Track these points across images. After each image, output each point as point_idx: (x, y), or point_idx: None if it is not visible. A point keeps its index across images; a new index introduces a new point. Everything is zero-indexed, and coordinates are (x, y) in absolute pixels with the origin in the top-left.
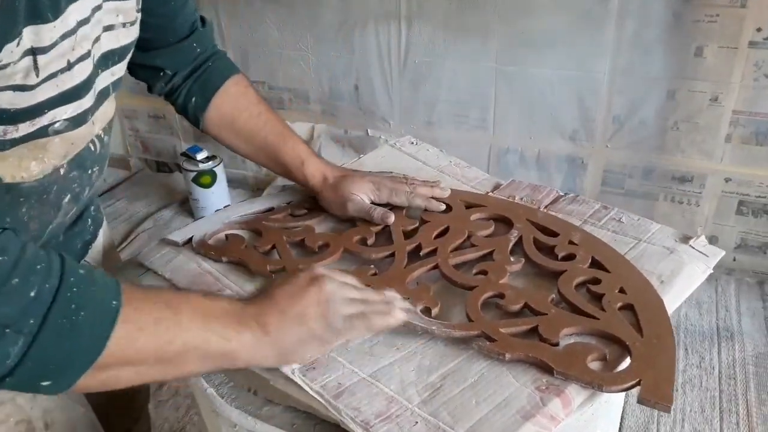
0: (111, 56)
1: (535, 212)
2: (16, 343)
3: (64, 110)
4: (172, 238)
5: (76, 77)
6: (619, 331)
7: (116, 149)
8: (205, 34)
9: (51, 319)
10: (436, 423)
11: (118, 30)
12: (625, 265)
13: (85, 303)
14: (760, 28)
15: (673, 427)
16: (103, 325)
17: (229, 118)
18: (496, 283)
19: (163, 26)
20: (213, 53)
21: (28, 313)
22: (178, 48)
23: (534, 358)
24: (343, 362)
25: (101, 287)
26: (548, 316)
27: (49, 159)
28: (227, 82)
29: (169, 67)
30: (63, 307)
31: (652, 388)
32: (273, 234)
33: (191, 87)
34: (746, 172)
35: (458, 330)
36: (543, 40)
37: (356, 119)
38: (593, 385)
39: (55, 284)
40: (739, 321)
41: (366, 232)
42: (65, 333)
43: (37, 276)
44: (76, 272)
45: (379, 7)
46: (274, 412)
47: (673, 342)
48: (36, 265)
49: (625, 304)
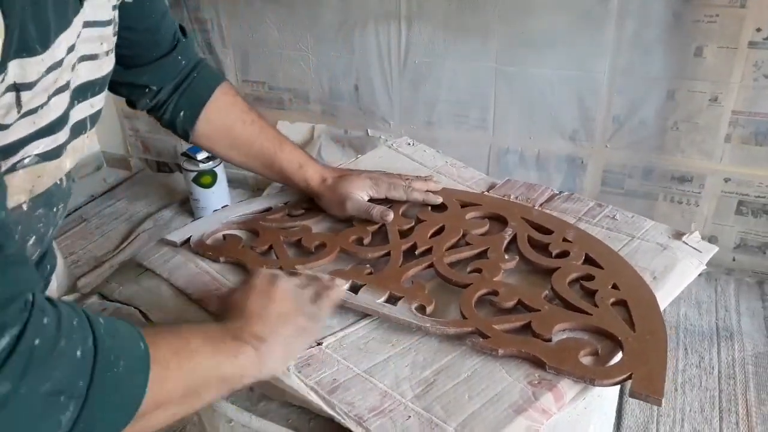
0: (91, 87)
1: (530, 210)
2: (67, 409)
3: (36, 146)
4: (170, 238)
5: (52, 112)
6: (612, 327)
7: (116, 149)
8: (188, 45)
9: (97, 377)
10: (428, 417)
11: (102, 59)
12: (619, 261)
13: (120, 352)
14: (760, 28)
15: (672, 427)
16: (140, 370)
17: (223, 129)
18: (490, 280)
19: (146, 41)
20: (196, 63)
21: (78, 375)
22: (162, 63)
23: (527, 353)
24: (338, 358)
25: (125, 331)
26: (541, 313)
27: (12, 194)
28: (215, 93)
29: (154, 83)
30: (105, 361)
31: (644, 381)
32: (270, 234)
33: (178, 101)
34: (746, 172)
35: (452, 327)
36: (543, 40)
37: (356, 119)
38: (585, 380)
39: (91, 339)
40: (739, 321)
41: (362, 232)
42: (111, 387)
43: (77, 333)
44: (98, 321)
45: (379, 7)
46: (269, 407)
47: (665, 337)
48: (72, 321)
49: (618, 300)
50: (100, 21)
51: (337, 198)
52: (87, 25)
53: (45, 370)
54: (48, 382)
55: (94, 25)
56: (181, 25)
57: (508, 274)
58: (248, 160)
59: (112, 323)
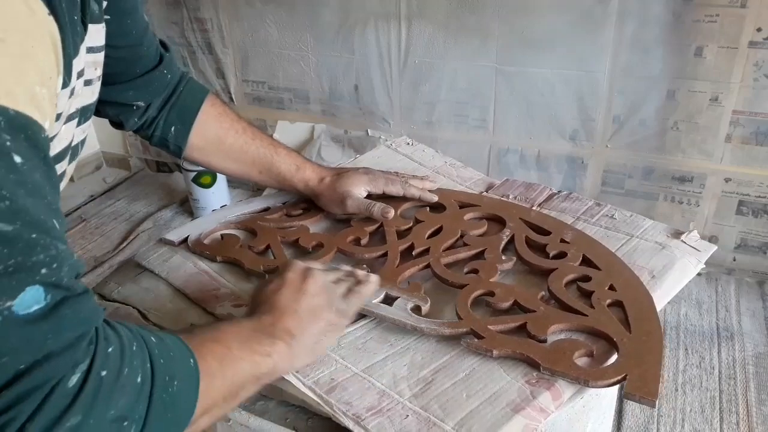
0: (85, 112)
1: (528, 211)
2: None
3: None
4: (168, 237)
5: (63, 140)
6: (608, 328)
7: (116, 149)
8: (171, 59)
9: (155, 399)
10: (426, 416)
11: (95, 84)
12: (616, 262)
13: (174, 372)
14: (760, 28)
15: (673, 427)
16: (192, 386)
17: (216, 141)
18: (486, 281)
19: (130, 57)
20: (181, 77)
21: (139, 400)
22: (149, 78)
23: (521, 354)
24: (336, 358)
25: (175, 348)
26: (537, 314)
27: None
28: (204, 105)
29: (142, 99)
30: (162, 383)
31: (638, 383)
32: (268, 234)
33: (168, 116)
34: (746, 172)
35: (447, 328)
36: (543, 40)
37: (356, 119)
38: (579, 381)
39: (149, 363)
40: (739, 321)
41: (360, 232)
42: (168, 407)
43: (137, 359)
44: (151, 341)
45: (379, 7)
46: (267, 406)
47: (660, 339)
48: (132, 346)
49: (615, 301)
50: (97, 47)
51: (337, 196)
52: (88, 51)
53: (111, 399)
54: (113, 409)
55: (92, 51)
56: (162, 41)
57: (505, 274)
58: (245, 168)
59: (163, 341)
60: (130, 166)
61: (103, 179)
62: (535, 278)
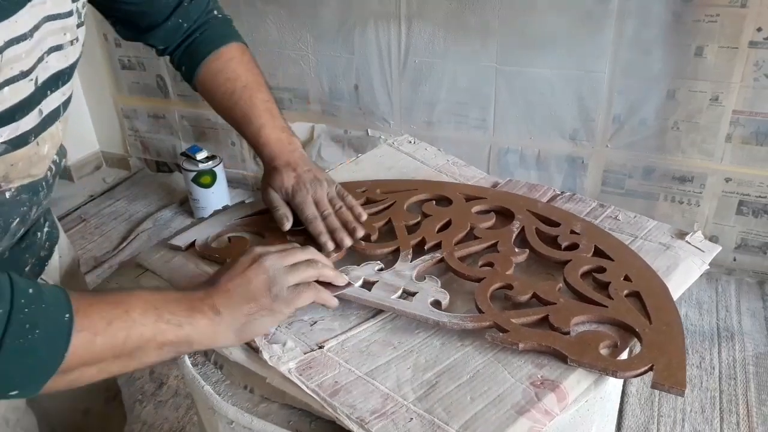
0: (61, 76)
1: (534, 203)
2: None
3: None
4: (175, 243)
5: (7, 101)
6: (629, 319)
7: (116, 149)
8: (192, 8)
9: (7, 342)
10: (430, 419)
11: (67, 49)
12: (629, 253)
13: (38, 321)
14: (760, 28)
15: (673, 427)
16: (59, 340)
17: (210, 94)
18: (503, 274)
19: (142, 11)
20: (203, 23)
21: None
22: (164, 28)
23: (547, 347)
24: (339, 361)
25: (52, 303)
26: (557, 306)
27: None
28: (209, 57)
29: (159, 44)
30: (17, 329)
31: (665, 373)
32: (276, 235)
33: (180, 57)
34: (746, 172)
35: (470, 322)
36: (543, 40)
37: (356, 119)
38: (607, 372)
39: (7, 308)
40: (740, 321)
41: (369, 228)
42: (24, 352)
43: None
44: (25, 292)
45: (379, 7)
46: (270, 409)
47: (681, 328)
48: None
49: (631, 292)
50: (60, 13)
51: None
52: (49, 19)
53: None
54: None
55: (56, 18)
56: None
57: (518, 267)
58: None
59: (40, 293)
60: (130, 166)
61: (103, 179)
62: (548, 270)
